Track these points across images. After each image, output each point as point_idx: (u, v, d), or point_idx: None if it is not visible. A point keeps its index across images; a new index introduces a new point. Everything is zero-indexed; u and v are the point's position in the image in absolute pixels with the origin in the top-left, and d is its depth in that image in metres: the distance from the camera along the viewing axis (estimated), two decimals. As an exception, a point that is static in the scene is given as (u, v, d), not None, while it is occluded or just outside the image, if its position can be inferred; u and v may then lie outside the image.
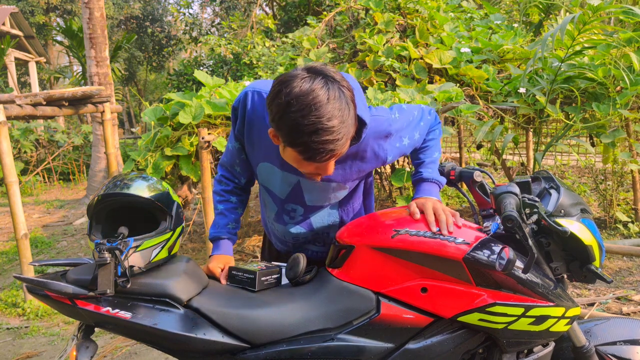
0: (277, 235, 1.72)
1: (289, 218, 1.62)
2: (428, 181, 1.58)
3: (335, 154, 1.23)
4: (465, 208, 5.87)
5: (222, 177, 1.71)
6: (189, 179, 3.99)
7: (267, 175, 1.55)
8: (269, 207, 1.67)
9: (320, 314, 1.38)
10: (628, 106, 3.24)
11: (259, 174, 1.59)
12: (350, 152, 1.42)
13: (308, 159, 1.23)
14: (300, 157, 1.25)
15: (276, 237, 1.74)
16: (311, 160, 1.23)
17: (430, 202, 1.45)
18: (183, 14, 12.38)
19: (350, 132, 1.24)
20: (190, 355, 1.36)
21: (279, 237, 1.72)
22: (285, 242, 1.71)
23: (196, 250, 5.15)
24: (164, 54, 19.56)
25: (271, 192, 1.60)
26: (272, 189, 1.58)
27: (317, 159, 1.22)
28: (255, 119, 1.47)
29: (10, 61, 13.35)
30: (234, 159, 1.64)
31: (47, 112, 4.24)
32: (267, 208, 1.68)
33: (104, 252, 1.27)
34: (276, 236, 1.73)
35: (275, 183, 1.55)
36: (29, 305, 3.84)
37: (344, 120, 1.20)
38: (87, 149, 10.54)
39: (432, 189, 1.56)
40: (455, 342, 1.37)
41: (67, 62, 21.61)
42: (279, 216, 1.64)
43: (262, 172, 1.57)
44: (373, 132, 1.42)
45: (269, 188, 1.60)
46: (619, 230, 4.66)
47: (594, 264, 1.43)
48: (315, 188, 1.53)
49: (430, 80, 3.93)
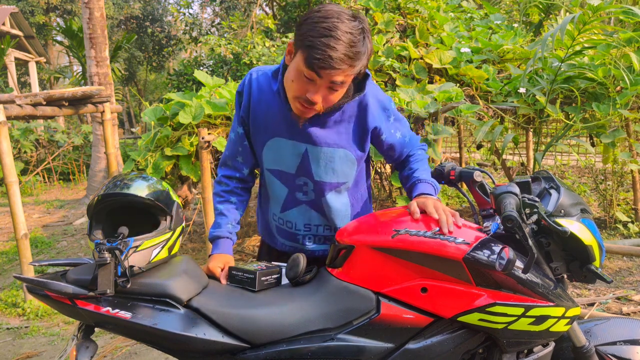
0: (287, 229, 1.67)
1: (302, 194, 1.61)
2: (425, 182, 1.58)
3: (332, 70, 1.31)
4: (465, 208, 5.87)
5: (222, 178, 1.71)
6: (189, 179, 3.99)
7: (277, 151, 1.57)
8: (275, 197, 1.65)
9: (320, 314, 1.38)
10: (628, 106, 3.24)
11: (266, 155, 1.59)
12: (352, 111, 1.52)
13: (309, 63, 1.31)
14: (302, 64, 1.33)
15: (284, 234, 1.68)
16: (310, 65, 1.31)
17: (431, 201, 1.45)
18: (183, 14, 12.38)
19: (353, 65, 1.33)
20: (190, 355, 1.36)
21: (288, 231, 1.67)
22: (296, 235, 1.66)
23: (196, 250, 5.16)
24: (164, 54, 19.56)
25: (280, 173, 1.60)
26: (281, 167, 1.59)
27: (316, 63, 1.30)
28: (263, 95, 1.54)
29: (10, 61, 13.35)
30: (237, 147, 1.65)
31: (47, 112, 4.24)
32: (273, 200, 1.67)
33: (104, 252, 1.27)
34: (284, 232, 1.68)
35: (284, 157, 1.57)
36: (29, 305, 3.84)
37: (355, 44, 1.31)
38: (87, 149, 10.54)
39: (429, 189, 1.57)
40: (455, 342, 1.37)
41: (67, 62, 21.61)
42: (291, 198, 1.62)
43: (270, 152, 1.58)
44: (374, 94, 1.54)
45: (277, 169, 1.60)
46: (619, 230, 4.66)
47: (594, 264, 1.43)
48: (320, 157, 1.54)
49: (430, 80, 3.94)
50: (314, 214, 1.64)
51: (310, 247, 1.68)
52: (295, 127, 1.51)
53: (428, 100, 3.36)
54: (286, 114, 1.50)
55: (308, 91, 1.38)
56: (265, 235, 1.80)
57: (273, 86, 1.52)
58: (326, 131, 1.53)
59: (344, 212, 1.65)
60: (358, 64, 1.35)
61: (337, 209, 1.63)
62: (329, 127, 1.53)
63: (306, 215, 1.64)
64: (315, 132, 1.52)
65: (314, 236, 1.67)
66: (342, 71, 1.33)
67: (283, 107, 1.52)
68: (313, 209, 1.64)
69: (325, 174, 1.57)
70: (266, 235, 1.79)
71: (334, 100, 1.43)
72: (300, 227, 1.66)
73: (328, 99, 1.41)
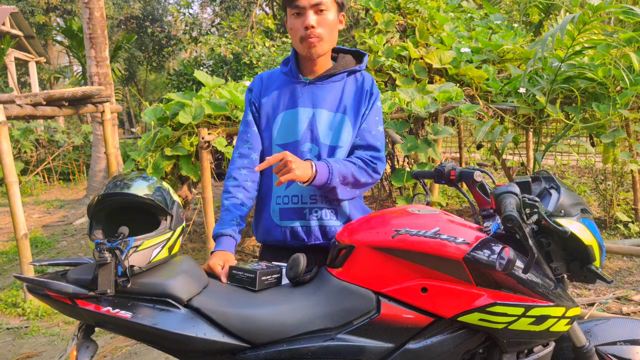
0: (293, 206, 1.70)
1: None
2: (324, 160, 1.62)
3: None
4: (465, 208, 5.87)
5: (231, 172, 1.76)
6: (189, 179, 3.99)
7: (287, 124, 1.71)
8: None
9: (320, 314, 1.38)
10: (628, 106, 3.24)
11: (277, 130, 1.72)
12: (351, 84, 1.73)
13: (290, 1, 1.59)
14: (290, 11, 1.62)
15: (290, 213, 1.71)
16: (293, 1, 1.58)
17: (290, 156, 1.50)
18: (183, 14, 12.38)
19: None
20: (191, 355, 1.36)
21: (294, 208, 1.70)
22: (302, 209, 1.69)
23: (196, 250, 5.16)
24: (164, 54, 19.56)
25: (289, 145, 1.70)
26: (290, 139, 1.71)
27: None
28: (272, 82, 1.77)
29: (10, 61, 13.35)
30: (245, 135, 1.77)
31: (47, 112, 4.24)
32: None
33: (104, 252, 1.27)
34: (290, 211, 1.70)
35: (294, 126, 1.70)
36: (29, 305, 3.84)
37: None
38: (87, 149, 10.54)
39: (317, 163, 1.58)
40: (455, 342, 1.37)
41: (67, 62, 21.60)
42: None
43: (281, 125, 1.72)
44: (370, 78, 1.76)
45: (287, 142, 1.71)
46: (619, 230, 4.66)
47: (594, 264, 1.43)
48: (324, 120, 1.70)
49: (430, 80, 3.94)
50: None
51: (315, 223, 1.70)
52: (300, 97, 1.71)
53: (428, 100, 3.36)
54: (293, 87, 1.72)
55: (302, 22, 1.60)
56: (266, 234, 1.77)
57: (284, 69, 1.76)
58: (329, 96, 1.71)
59: None
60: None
61: None
62: (331, 93, 1.71)
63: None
64: (320, 95, 1.71)
65: (320, 209, 1.70)
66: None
67: (291, 82, 1.73)
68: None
69: (327, 137, 1.70)
70: (268, 232, 1.76)
71: (330, 23, 1.63)
72: (306, 199, 1.70)
73: (323, 23, 1.62)
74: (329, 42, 1.66)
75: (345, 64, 1.73)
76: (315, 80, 1.71)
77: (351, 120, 1.72)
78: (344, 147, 1.72)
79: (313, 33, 1.61)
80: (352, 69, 1.74)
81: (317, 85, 1.71)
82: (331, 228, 1.71)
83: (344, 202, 1.72)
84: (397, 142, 3.34)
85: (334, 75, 1.71)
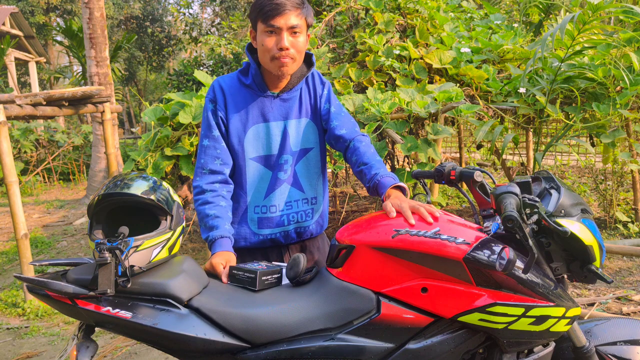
0: (270, 215, 1.77)
1: (283, 173, 1.77)
2: (387, 177, 1.62)
3: (285, 12, 1.58)
4: (465, 208, 5.87)
5: (205, 186, 1.71)
6: (189, 179, 3.99)
7: (257, 138, 1.74)
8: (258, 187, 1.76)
9: (320, 314, 1.38)
10: (628, 106, 3.24)
11: (248, 145, 1.73)
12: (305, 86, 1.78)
13: (265, 18, 1.59)
14: (262, 26, 1.61)
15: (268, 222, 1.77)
16: (266, 19, 1.59)
17: (405, 203, 1.47)
18: (183, 14, 12.39)
19: (299, 5, 1.61)
20: (191, 355, 1.36)
21: (271, 217, 1.77)
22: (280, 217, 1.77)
23: (196, 250, 5.16)
24: (164, 54, 19.56)
25: (264, 158, 1.75)
26: (264, 152, 1.75)
27: (270, 13, 1.58)
28: (235, 94, 1.74)
29: (10, 61, 13.35)
30: (214, 151, 1.73)
31: (47, 112, 4.24)
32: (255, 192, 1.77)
33: (104, 252, 1.27)
34: (268, 220, 1.77)
35: (266, 141, 1.74)
36: (29, 305, 3.84)
37: None
38: (87, 149, 10.54)
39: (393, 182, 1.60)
40: (455, 342, 1.37)
41: (67, 62, 21.59)
42: (274, 180, 1.76)
43: (252, 140, 1.73)
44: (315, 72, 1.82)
45: (260, 155, 1.75)
46: (619, 230, 4.66)
47: (594, 264, 1.43)
48: (295, 129, 1.76)
49: (430, 80, 3.94)
50: (292, 190, 1.79)
51: (292, 227, 1.81)
52: (271, 111, 1.74)
53: (428, 100, 3.35)
54: (261, 102, 1.73)
55: (277, 43, 1.61)
56: (243, 240, 1.81)
57: (245, 81, 1.74)
58: (294, 106, 1.77)
59: (316, 178, 1.83)
60: (305, 7, 1.64)
61: (309, 176, 1.81)
62: (296, 102, 1.77)
63: (285, 193, 1.78)
64: (288, 107, 1.75)
65: (296, 213, 1.80)
66: (293, 12, 1.60)
67: (257, 96, 1.74)
68: (291, 185, 1.79)
69: (297, 144, 1.77)
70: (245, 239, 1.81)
71: (301, 46, 1.66)
72: (282, 207, 1.78)
73: (296, 45, 1.64)
74: (299, 62, 1.71)
75: (301, 72, 1.77)
76: (281, 93, 1.75)
77: (314, 121, 1.80)
78: (315, 148, 1.82)
79: (288, 54, 1.64)
80: (308, 74, 1.78)
81: (284, 98, 1.75)
82: (307, 228, 1.84)
83: (320, 198, 1.84)
84: (397, 142, 3.34)
85: (296, 85, 1.76)
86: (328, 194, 1.95)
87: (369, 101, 3.51)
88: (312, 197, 1.84)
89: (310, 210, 1.84)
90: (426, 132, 3.38)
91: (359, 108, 3.53)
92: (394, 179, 1.60)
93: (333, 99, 1.83)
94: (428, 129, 3.34)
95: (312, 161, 1.82)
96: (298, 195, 1.80)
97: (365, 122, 3.44)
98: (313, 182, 1.83)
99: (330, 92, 1.83)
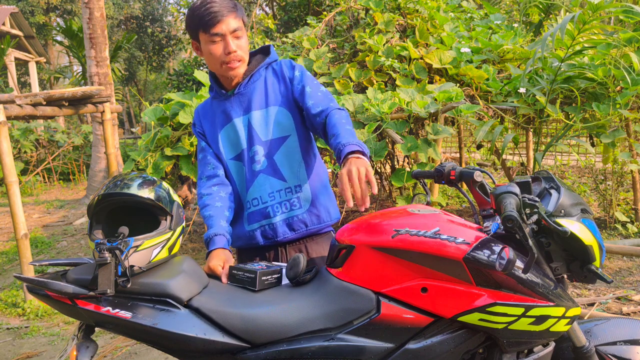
0: (255, 209, 1.78)
1: (256, 164, 1.77)
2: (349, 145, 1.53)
3: (223, 18, 1.64)
4: (465, 208, 5.87)
5: (202, 190, 1.81)
6: (189, 179, 3.99)
7: (228, 138, 1.80)
8: (240, 184, 1.80)
9: (320, 314, 1.38)
10: (628, 106, 3.24)
11: (224, 146, 1.81)
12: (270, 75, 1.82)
13: (206, 28, 1.64)
14: (205, 36, 1.67)
15: (256, 215, 1.79)
16: (207, 28, 1.64)
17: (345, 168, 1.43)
18: (183, 14, 12.38)
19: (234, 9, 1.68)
20: (191, 355, 1.36)
21: (258, 210, 1.78)
22: (265, 209, 1.77)
23: (196, 250, 5.16)
24: (164, 54, 19.57)
25: (237, 155, 1.79)
26: (237, 150, 1.80)
27: (210, 22, 1.64)
28: (206, 110, 1.87)
29: (10, 61, 13.35)
30: (205, 160, 1.85)
31: (47, 112, 4.24)
32: (241, 190, 1.81)
33: (104, 252, 1.27)
34: (255, 213, 1.79)
35: (236, 138, 1.79)
36: (29, 305, 3.84)
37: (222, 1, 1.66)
38: (87, 149, 10.54)
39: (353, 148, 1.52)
40: (455, 342, 1.37)
41: (67, 62, 21.60)
42: (249, 173, 1.78)
43: (225, 141, 1.81)
44: (282, 60, 1.86)
45: (235, 154, 1.80)
46: (618, 230, 4.66)
47: (594, 264, 1.42)
48: (260, 120, 1.78)
49: (430, 80, 3.94)
50: (273, 180, 1.78)
51: (280, 218, 1.78)
52: (232, 109, 1.80)
53: (428, 100, 3.36)
54: (223, 105, 1.81)
55: (224, 48, 1.68)
56: (239, 240, 1.84)
57: (211, 94, 1.86)
58: (255, 96, 1.79)
59: (297, 165, 1.79)
60: (238, 9, 1.70)
61: (291, 164, 1.78)
62: (256, 92, 1.79)
63: (266, 183, 1.77)
64: (247, 100, 1.79)
65: (279, 204, 1.78)
66: (230, 16, 1.66)
67: (220, 101, 1.82)
68: (270, 175, 1.78)
69: (267, 133, 1.77)
70: (239, 238, 1.83)
71: (245, 45, 1.73)
72: (266, 198, 1.77)
73: (241, 46, 1.71)
74: (247, 60, 1.77)
75: (257, 62, 1.82)
76: (237, 88, 1.79)
77: (287, 107, 1.80)
78: (292, 135, 1.80)
79: (236, 57, 1.70)
80: (265, 62, 1.82)
81: (241, 92, 1.79)
82: (295, 218, 1.79)
83: (305, 185, 1.80)
84: (397, 142, 3.34)
85: (251, 76, 1.79)
86: (320, 180, 1.86)
87: (369, 101, 3.51)
88: (295, 185, 1.79)
89: (296, 199, 1.79)
90: (426, 132, 3.39)
91: (359, 108, 3.53)
92: (357, 146, 1.52)
93: (308, 79, 1.81)
94: (428, 129, 3.34)
95: (291, 149, 1.79)
96: (280, 185, 1.78)
97: (365, 122, 3.44)
98: (294, 170, 1.80)
99: (303, 74, 1.82)
